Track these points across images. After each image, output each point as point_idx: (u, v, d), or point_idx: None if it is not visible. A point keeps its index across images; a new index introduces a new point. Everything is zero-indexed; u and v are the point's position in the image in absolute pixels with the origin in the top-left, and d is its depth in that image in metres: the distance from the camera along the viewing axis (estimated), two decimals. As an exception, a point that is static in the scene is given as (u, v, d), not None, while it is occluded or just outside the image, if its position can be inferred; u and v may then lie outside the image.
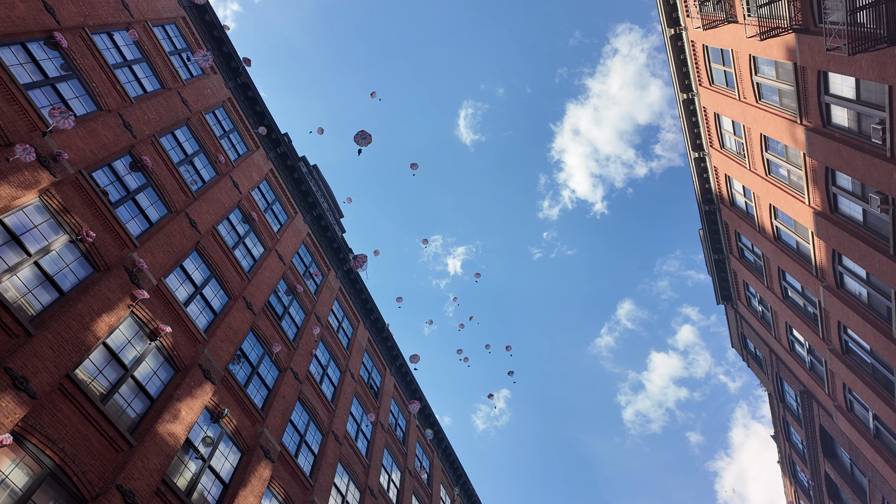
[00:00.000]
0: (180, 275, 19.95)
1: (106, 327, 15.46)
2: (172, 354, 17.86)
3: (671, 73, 27.80)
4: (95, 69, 18.92)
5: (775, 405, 34.04)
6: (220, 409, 19.12)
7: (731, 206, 28.57)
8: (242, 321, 22.12)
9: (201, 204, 22.22)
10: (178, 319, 18.65)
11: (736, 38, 22.30)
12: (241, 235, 24.85)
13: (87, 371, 14.69)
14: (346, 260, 34.68)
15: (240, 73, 28.49)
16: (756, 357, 34.38)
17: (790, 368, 29.25)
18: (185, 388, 17.51)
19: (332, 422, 26.44)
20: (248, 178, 26.87)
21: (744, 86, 23.11)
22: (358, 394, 31.12)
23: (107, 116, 18.66)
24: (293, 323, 26.77)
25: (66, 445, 13.19)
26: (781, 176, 23.12)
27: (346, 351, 31.62)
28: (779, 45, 19.77)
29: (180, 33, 25.32)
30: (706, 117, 27.51)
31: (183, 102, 23.43)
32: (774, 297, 27.35)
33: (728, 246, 30.99)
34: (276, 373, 23.71)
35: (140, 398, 16.16)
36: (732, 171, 26.76)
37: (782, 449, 35.29)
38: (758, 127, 22.98)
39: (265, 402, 22.14)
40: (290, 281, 27.73)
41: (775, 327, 28.91)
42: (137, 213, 18.96)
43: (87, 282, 15.82)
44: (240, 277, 23.28)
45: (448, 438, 41.18)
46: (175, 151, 22.30)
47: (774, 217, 24.66)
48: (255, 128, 29.19)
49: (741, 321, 33.88)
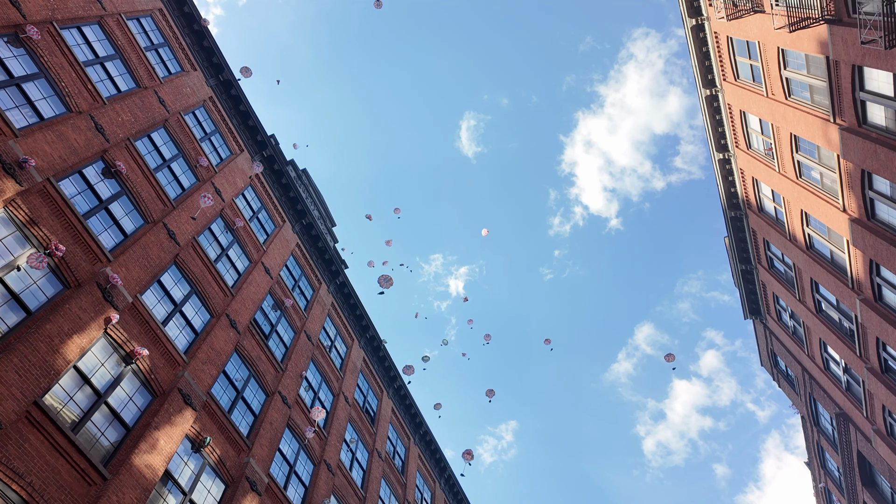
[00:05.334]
0: (158, 291, 19.97)
1: (77, 349, 15.46)
2: (150, 378, 17.86)
3: (693, 67, 27.87)
4: (64, 67, 19.00)
5: (809, 429, 33.96)
6: (201, 438, 19.10)
7: (759, 212, 28.59)
8: (226, 341, 22.13)
9: (180, 213, 22.26)
10: (156, 340, 18.65)
11: (763, 29, 22.36)
12: (225, 247, 24.89)
13: (56, 397, 14.68)
14: (339, 272, 34.71)
15: (222, 69, 28.59)
16: (787, 376, 34.32)
17: (825, 389, 29.19)
18: (163, 414, 17.50)
19: (324, 450, 26.40)
20: (232, 184, 26.93)
21: (772, 81, 23.17)
22: (352, 419, 31.08)
23: (77, 119, 18.72)
24: (281, 342, 26.78)
25: (34, 479, 13.18)
26: (813, 179, 23.15)
27: (340, 372, 31.61)
28: (809, 38, 19.82)
29: (157, 27, 25.42)
30: (731, 115, 27.56)
31: (160, 102, 23.51)
32: (807, 310, 27.33)
33: (756, 255, 30.99)
34: (263, 397, 23.69)
35: (114, 426, 16.15)
36: (760, 174, 26.80)
37: (817, 477, 35.19)
38: (787, 126, 23.02)
39: (251, 430, 22.11)
40: (278, 296, 27.75)
41: (808, 344, 28.87)
42: (111, 224, 18.99)
43: (57, 300, 15.83)
44: (223, 293, 23.30)
45: (451, 468, 41.11)
46: (152, 156, 22.36)
47: (806, 224, 24.68)
48: (238, 129, 29.28)
49: (771, 337, 33.84)
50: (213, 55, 28.22)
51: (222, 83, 28.95)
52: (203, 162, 24.77)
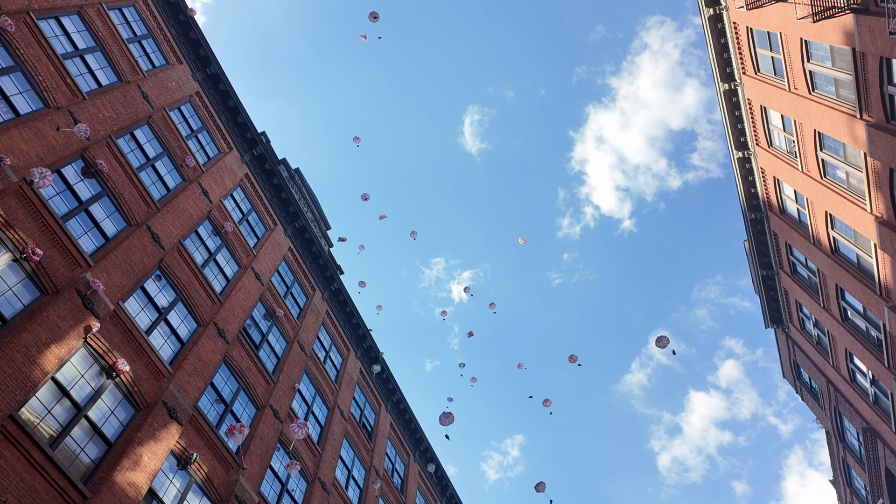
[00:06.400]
0: (141, 298, 19.96)
1: (55, 360, 15.45)
2: (133, 391, 17.84)
3: (710, 60, 27.89)
4: (42, 60, 19.01)
5: (834, 445, 33.91)
6: (188, 454, 19.07)
7: (781, 214, 28.59)
8: (214, 351, 22.12)
9: (165, 215, 22.27)
10: (139, 350, 18.63)
11: (785, 19, 22.38)
12: (212, 251, 24.89)
13: (33, 411, 14.67)
14: (334, 278, 34.71)
15: (210, 62, 28.63)
16: (811, 389, 34.28)
17: (851, 402, 29.14)
18: (147, 429, 17.47)
19: (318, 467, 26.36)
20: (220, 184, 26.94)
21: (794, 74, 23.17)
22: (349, 434, 31.05)
23: (55, 115, 18.74)
24: (272, 353, 26.76)
25: (10, 498, 13.15)
26: (839, 179, 23.14)
27: (335, 385, 31.58)
28: (834, 28, 19.83)
29: (140, 17, 25.46)
30: (751, 111, 27.57)
31: (144, 97, 23.54)
32: (832, 319, 27.30)
33: (778, 260, 30.98)
34: (254, 411, 23.67)
35: (95, 442, 16.12)
36: (782, 174, 26.79)
37: (842, 496, 35.12)
38: (811, 122, 23.02)
39: (241, 445, 22.08)
40: (269, 303, 27.74)
41: (833, 354, 28.83)
42: (91, 227, 19.00)
43: (34, 307, 15.83)
44: (210, 300, 23.29)
45: (453, 486, 41.05)
46: (135, 154, 22.38)
47: (831, 226, 24.67)
48: (227, 126, 29.32)
49: (793, 347, 33.80)
50: (199, 47, 28.26)
51: (210, 77, 28.99)
52: (189, 161, 24.79)
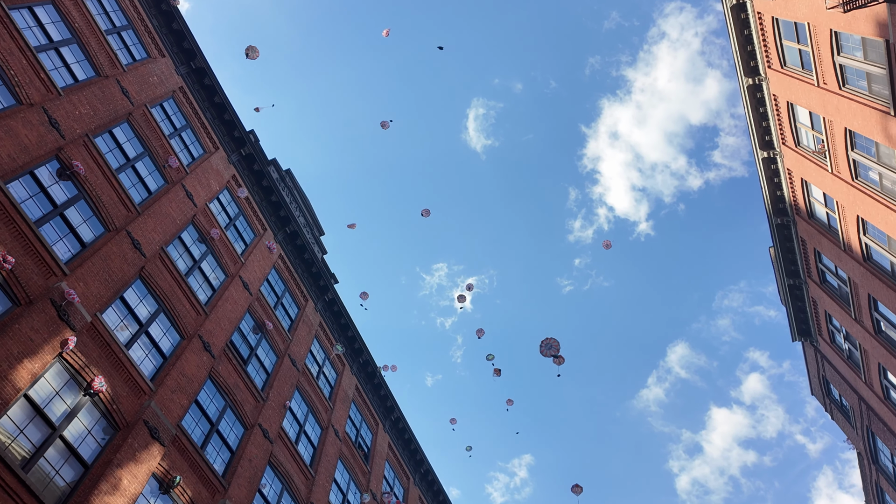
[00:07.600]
0: (121, 309, 19.90)
1: (28, 376, 15.38)
2: (111, 409, 17.76)
3: (733, 52, 27.83)
4: (14, 53, 18.95)
5: (866, 467, 33.76)
6: (170, 477, 18.99)
7: (809, 219, 28.51)
8: (198, 366, 22.05)
9: (146, 220, 22.22)
10: (118, 365, 18.56)
11: (813, 8, 22.32)
12: (197, 259, 24.84)
13: (5, 430, 14.59)
14: (328, 287, 34.65)
15: (194, 55, 28.61)
16: (842, 407, 34.15)
17: (885, 421, 29.03)
18: (126, 450, 17.40)
19: (311, 491, 26.28)
20: (206, 186, 26.90)
21: (823, 68, 23.12)
22: (343, 455, 30.96)
23: (28, 112, 18.69)
24: (262, 368, 26.70)
25: (-22, 526, 13.08)
26: (871, 180, 23.07)
27: (329, 402, 31.51)
28: (866, 18, 19.76)
29: (119, 6, 25.42)
30: (777, 107, 27.51)
31: (123, 93, 23.51)
32: (864, 331, 27.20)
33: (806, 268, 30.89)
34: (242, 430, 23.60)
35: (71, 464, 16.05)
36: (810, 175, 26.72)
37: (877, 522, 34.98)
38: (841, 119, 22.95)
39: (227, 468, 22.00)
40: (258, 315, 27.68)
41: (866, 369, 28.73)
42: (67, 233, 18.95)
43: (5, 319, 15.76)
44: (195, 311, 23.23)
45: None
46: (114, 154, 22.34)
47: (863, 232, 24.59)
48: (213, 124, 29.28)
49: (823, 362, 33.69)
50: (183, 39, 28.23)
51: (195, 71, 28.96)
52: (172, 161, 24.74)
